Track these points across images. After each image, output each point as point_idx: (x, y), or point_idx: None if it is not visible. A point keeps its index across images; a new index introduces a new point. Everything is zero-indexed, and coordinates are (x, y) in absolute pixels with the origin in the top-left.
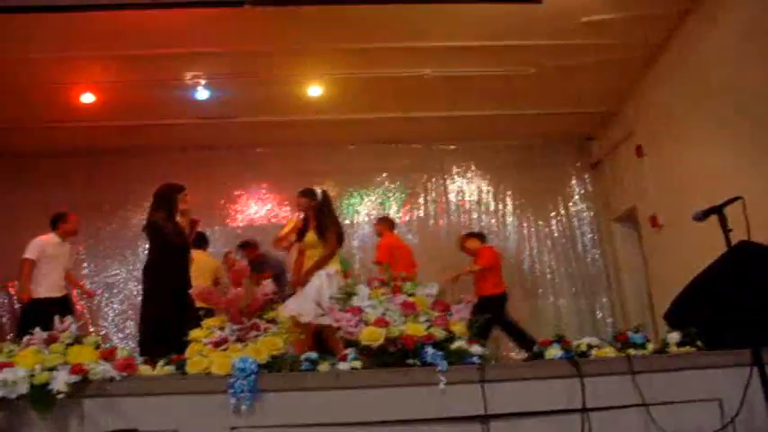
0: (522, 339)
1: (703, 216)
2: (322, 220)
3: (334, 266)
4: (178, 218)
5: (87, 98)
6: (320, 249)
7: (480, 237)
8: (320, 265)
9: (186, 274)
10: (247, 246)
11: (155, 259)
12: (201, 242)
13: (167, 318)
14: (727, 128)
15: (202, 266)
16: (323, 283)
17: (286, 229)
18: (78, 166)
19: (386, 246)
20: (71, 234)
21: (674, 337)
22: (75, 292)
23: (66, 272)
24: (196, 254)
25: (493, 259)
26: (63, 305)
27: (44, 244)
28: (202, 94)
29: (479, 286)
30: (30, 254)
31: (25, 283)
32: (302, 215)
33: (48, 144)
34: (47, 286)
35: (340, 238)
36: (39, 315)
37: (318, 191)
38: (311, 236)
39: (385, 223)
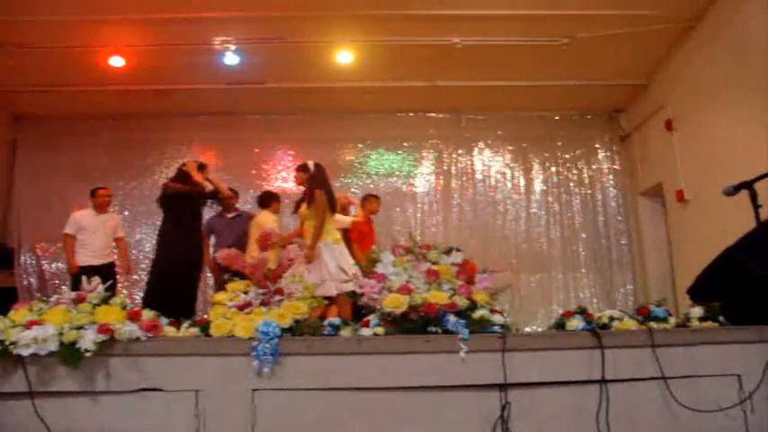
0: None
1: (734, 191)
2: (312, 191)
3: (330, 236)
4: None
5: (117, 62)
6: (313, 220)
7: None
8: (316, 237)
9: (196, 236)
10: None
11: (167, 225)
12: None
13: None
14: (760, 104)
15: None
16: (322, 257)
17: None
18: (107, 129)
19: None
20: (102, 207)
21: (696, 311)
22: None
23: (119, 240)
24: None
25: None
26: (102, 272)
27: (78, 218)
28: (231, 59)
29: None
30: (67, 229)
31: (69, 256)
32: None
33: (77, 107)
34: (84, 255)
35: (332, 207)
36: (76, 282)
37: (311, 164)
38: (304, 208)
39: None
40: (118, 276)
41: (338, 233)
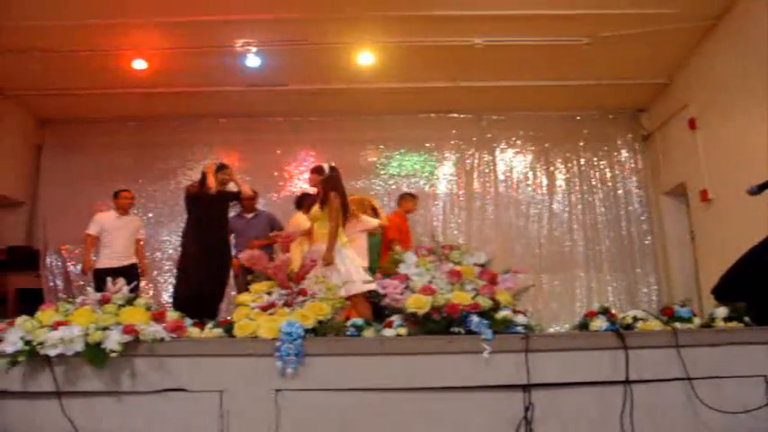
0: None
1: (758, 190)
2: (326, 193)
3: (338, 241)
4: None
5: (139, 65)
6: (325, 222)
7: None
8: (332, 240)
9: (215, 239)
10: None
11: (186, 227)
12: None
13: (196, 279)
14: None
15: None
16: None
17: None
18: (130, 131)
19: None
20: (124, 209)
21: (722, 311)
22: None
23: (137, 241)
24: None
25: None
26: (124, 274)
27: (101, 219)
28: (253, 61)
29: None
30: (89, 229)
31: (84, 256)
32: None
33: (100, 111)
34: (106, 257)
35: (344, 210)
36: (99, 283)
37: (326, 166)
38: (315, 209)
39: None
40: (142, 278)
41: (345, 237)
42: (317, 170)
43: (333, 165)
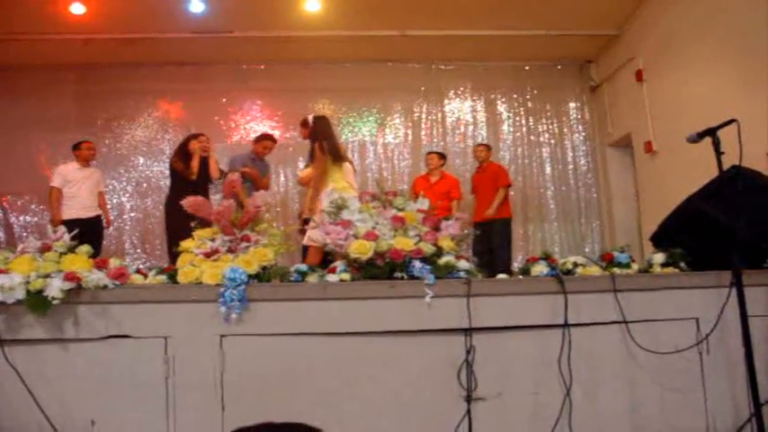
0: None
1: (698, 138)
2: (312, 145)
3: (330, 185)
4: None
5: (77, 8)
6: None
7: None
8: (316, 189)
9: None
10: None
11: (169, 195)
12: None
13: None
14: (728, 55)
15: None
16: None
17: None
18: (70, 79)
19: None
20: (86, 160)
21: (659, 257)
22: None
23: (100, 194)
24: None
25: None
26: (91, 225)
27: (64, 171)
28: (197, 6)
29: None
30: (53, 182)
31: (51, 208)
32: None
33: (38, 56)
34: (72, 208)
35: (336, 157)
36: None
37: (310, 118)
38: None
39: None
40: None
41: (343, 182)
42: (303, 124)
43: (317, 115)
